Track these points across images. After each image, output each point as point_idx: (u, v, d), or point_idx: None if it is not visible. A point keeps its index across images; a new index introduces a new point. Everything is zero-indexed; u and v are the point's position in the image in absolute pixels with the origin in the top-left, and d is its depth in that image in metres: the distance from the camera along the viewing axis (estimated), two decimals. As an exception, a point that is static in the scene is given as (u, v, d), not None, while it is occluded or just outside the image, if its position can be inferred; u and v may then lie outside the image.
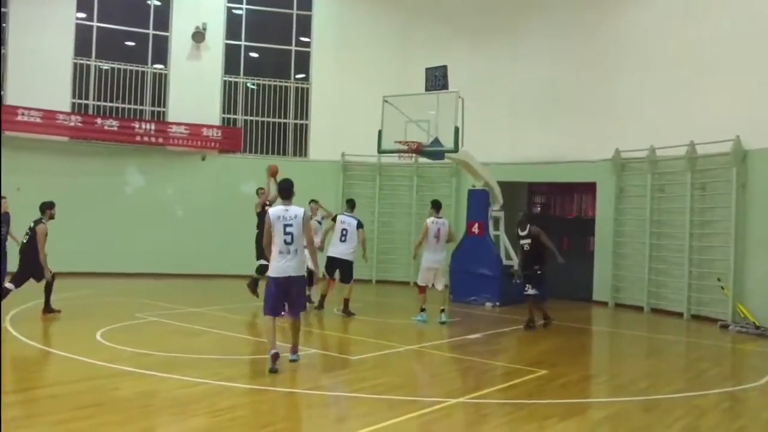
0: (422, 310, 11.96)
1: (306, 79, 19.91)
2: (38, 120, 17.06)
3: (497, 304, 14.68)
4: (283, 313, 8.42)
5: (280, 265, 7.63)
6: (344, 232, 12.66)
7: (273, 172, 11.92)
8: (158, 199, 18.18)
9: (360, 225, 12.87)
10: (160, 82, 18.94)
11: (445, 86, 14.09)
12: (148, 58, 18.85)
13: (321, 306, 12.70)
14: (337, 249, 12.70)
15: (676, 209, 14.43)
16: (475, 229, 15.22)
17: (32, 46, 17.42)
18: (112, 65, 18.57)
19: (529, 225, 11.78)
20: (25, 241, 11.03)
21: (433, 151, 13.93)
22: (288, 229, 7.57)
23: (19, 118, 16.87)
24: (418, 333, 11.15)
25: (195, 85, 18.88)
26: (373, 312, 13.69)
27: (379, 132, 14.15)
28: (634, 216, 15.50)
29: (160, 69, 18.95)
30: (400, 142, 13.56)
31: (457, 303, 14.57)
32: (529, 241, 11.67)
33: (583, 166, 16.24)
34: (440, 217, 12.33)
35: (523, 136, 17.14)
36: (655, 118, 14.75)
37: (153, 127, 18.38)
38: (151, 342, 9.01)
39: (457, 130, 13.17)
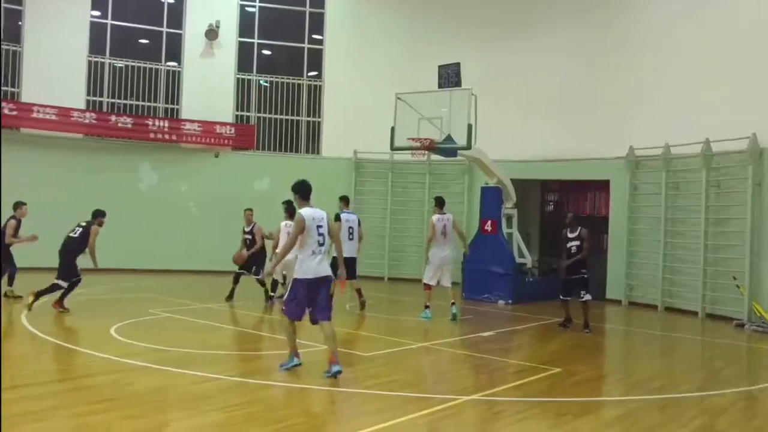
0: (426, 307, 11.94)
1: (319, 76, 19.93)
2: (53, 117, 17.21)
3: (510, 301, 14.64)
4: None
5: (312, 266, 7.44)
6: (351, 230, 12.55)
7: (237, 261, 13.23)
8: (172, 196, 18.28)
9: (359, 220, 12.90)
10: (174, 80, 19.04)
11: (458, 83, 14.07)
12: (161, 55, 18.95)
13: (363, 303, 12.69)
14: (346, 248, 12.51)
15: (690, 207, 14.32)
16: (488, 226, 15.18)
17: (47, 44, 17.56)
18: (126, 63, 18.69)
19: (579, 227, 11.43)
20: (74, 235, 11.36)
21: (445, 149, 13.90)
22: (320, 230, 7.51)
23: (35, 115, 17.02)
24: (430, 330, 11.13)
25: (208, 82, 18.97)
26: (385, 309, 13.70)
27: (392, 129, 14.14)
28: (648, 214, 15.40)
29: (174, 66, 19.04)
30: (412, 140, 13.54)
31: (469, 301, 14.55)
32: (578, 243, 11.28)
33: (596, 163, 16.15)
34: (444, 213, 12.30)
35: (536, 133, 17.07)
36: (670, 115, 14.64)
37: (167, 125, 18.48)
38: (164, 338, 9.06)
39: (470, 127, 13.13)
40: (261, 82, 19.78)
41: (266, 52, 19.99)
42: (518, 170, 16.57)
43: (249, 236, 13.51)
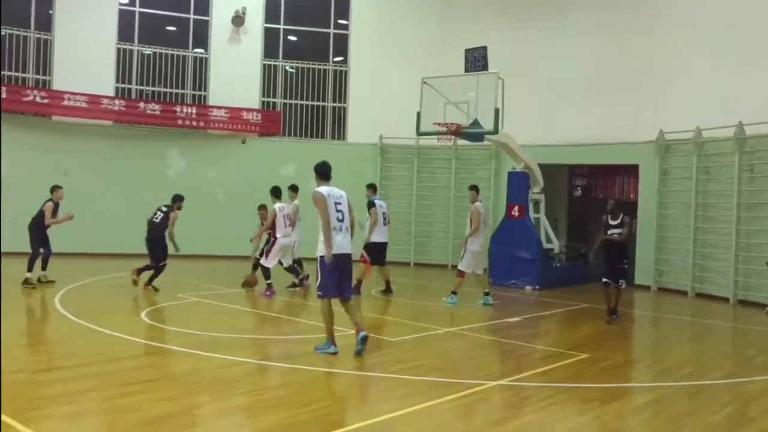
0: (454, 293, 11.97)
1: (344, 61, 19.89)
2: (84, 104, 17.43)
3: (537, 287, 14.56)
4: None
5: (336, 242, 7.47)
6: (385, 216, 12.74)
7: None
8: (199, 182, 18.43)
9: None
10: (201, 66, 19.15)
11: (484, 67, 13.94)
12: (189, 42, 19.06)
13: (358, 291, 12.67)
14: (383, 233, 12.67)
15: (723, 192, 14.08)
16: (515, 212, 15.08)
17: (77, 33, 17.75)
18: (154, 50, 18.83)
19: (622, 214, 10.92)
20: (157, 220, 11.95)
21: (472, 133, 13.82)
22: (339, 207, 7.57)
23: (65, 102, 17.26)
24: (457, 316, 11.13)
25: (235, 68, 19.04)
26: (411, 294, 13.71)
27: (418, 114, 14.09)
28: (678, 199, 15.18)
29: (201, 53, 19.14)
30: (439, 124, 13.48)
31: (496, 286, 14.50)
32: (621, 231, 10.73)
33: (625, 147, 15.92)
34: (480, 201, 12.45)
35: (564, 117, 16.87)
36: (702, 97, 14.35)
37: (194, 111, 18.61)
38: (194, 322, 9.18)
39: (497, 111, 13.03)
40: (287, 68, 19.81)
41: (292, 37, 20.00)
42: (545, 155, 16.41)
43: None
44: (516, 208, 15.09)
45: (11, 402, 5.46)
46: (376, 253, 12.56)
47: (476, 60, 14.21)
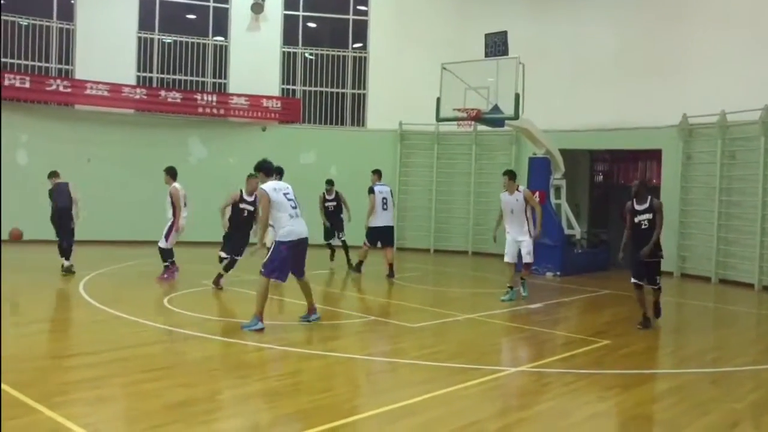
0: (511, 288, 11.00)
1: (364, 48, 19.82)
2: (105, 93, 17.58)
3: (558, 273, 14.48)
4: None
5: (295, 228, 8.07)
6: (384, 201, 13.21)
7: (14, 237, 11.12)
8: (220, 170, 18.50)
9: (391, 191, 13.66)
10: (221, 54, 19.19)
11: (505, 52, 13.80)
12: (209, 30, 19.10)
13: (359, 270, 13.25)
14: (383, 218, 13.19)
15: (748, 177, 13.85)
16: (536, 197, 14.94)
17: (99, 22, 17.88)
18: (175, 38, 18.90)
19: (650, 197, 9.26)
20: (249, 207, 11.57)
21: (492, 119, 13.72)
22: (289, 197, 8.16)
23: (88, 91, 17.41)
24: (477, 302, 11.11)
25: (255, 56, 19.06)
26: (431, 281, 13.70)
27: (438, 100, 14.00)
28: (701, 184, 14.97)
29: (221, 41, 19.18)
30: (459, 110, 13.39)
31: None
32: (649, 216, 9.03)
33: (647, 132, 15.71)
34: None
35: (586, 101, 16.66)
36: (727, 80, 14.10)
37: (215, 99, 18.69)
38: (215, 308, 9.25)
39: (517, 96, 12.91)
40: (306, 54, 19.79)
41: (311, 24, 19.95)
42: (567, 140, 16.26)
43: (333, 203, 14.27)
44: (537, 194, 14.91)
45: (38, 387, 5.56)
46: (374, 237, 13.22)
47: (496, 45, 14.07)
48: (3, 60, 17.22)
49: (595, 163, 19.06)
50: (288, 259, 8.09)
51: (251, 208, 11.48)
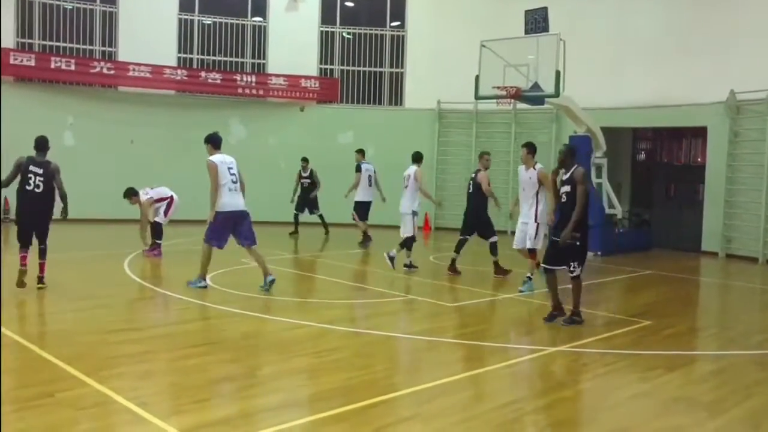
0: (529, 277, 9.96)
1: (401, 26, 19.68)
2: (147, 75, 17.84)
3: (599, 253, 14.31)
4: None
5: (232, 201, 8.86)
6: (370, 178, 14.74)
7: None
8: (260, 150, 18.68)
9: (375, 169, 15.02)
10: (260, 35, 19.27)
11: (545, 29, 13.55)
12: (247, 11, 19.18)
13: (367, 244, 14.48)
14: (368, 193, 14.70)
15: (798, 154, 13.44)
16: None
17: (141, 4, 18.13)
18: (214, 19, 19.04)
19: (576, 165, 7.95)
20: (471, 191, 11.45)
21: (532, 97, 13.53)
22: (231, 171, 8.92)
23: (131, 73, 17.69)
24: (515, 282, 11.03)
25: (293, 36, 19.09)
26: (469, 261, 13.67)
27: (477, 78, 13.86)
28: (749, 162, 14.58)
29: (260, 21, 19.25)
30: (498, 88, 13.23)
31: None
32: (568, 189, 7.81)
33: (693, 109, 15.31)
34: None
35: (628, 78, 16.29)
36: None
37: (254, 80, 18.82)
38: (256, 286, 9.37)
39: (558, 74, 12.69)
40: (344, 34, 19.74)
41: (349, 3, 19.87)
42: (609, 118, 15.94)
43: (308, 180, 15.92)
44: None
45: (86, 361, 5.74)
46: (362, 210, 14.62)
47: (536, 21, 13.83)
48: (48, 43, 17.60)
49: (638, 141, 18.69)
50: (224, 229, 8.92)
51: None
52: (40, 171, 8.45)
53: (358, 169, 14.74)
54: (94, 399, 4.87)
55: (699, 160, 16.56)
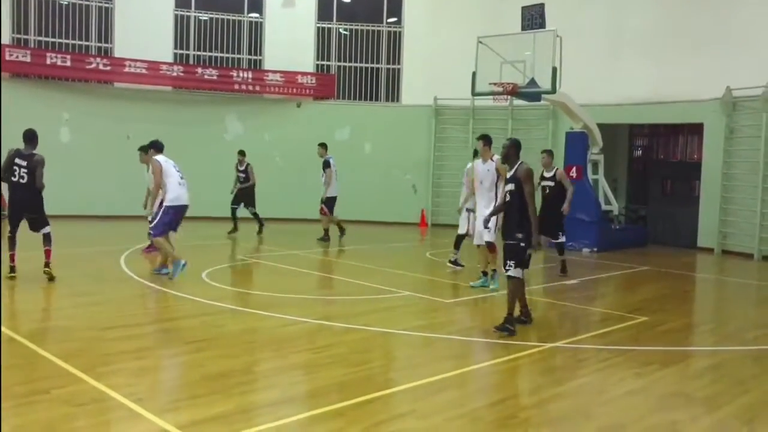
0: (485, 273, 9.75)
1: (398, 22, 19.66)
2: (144, 71, 17.78)
3: (595, 249, 14.34)
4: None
5: (183, 194, 9.49)
6: (336, 173, 14.35)
7: None
8: (256, 146, 18.62)
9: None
10: (256, 31, 19.23)
11: (542, 25, 13.58)
12: (244, 7, 19.13)
13: (327, 238, 14.33)
14: (337, 188, 14.37)
15: (793, 151, 13.47)
16: (573, 173, 14.76)
17: (137, 0, 18.04)
18: (211, 15, 18.99)
19: (520, 162, 7.24)
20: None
21: (529, 93, 13.54)
22: (178, 169, 9.59)
23: (127, 69, 17.63)
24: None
25: (289, 32, 19.05)
26: (466, 257, 13.68)
27: (473, 74, 13.86)
28: (745, 159, 14.61)
29: (256, 18, 19.20)
30: (495, 84, 13.25)
31: (553, 248, 14.31)
32: (511, 187, 7.19)
33: (689, 106, 15.33)
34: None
35: (625, 75, 16.30)
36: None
37: (250, 76, 18.78)
38: (252, 282, 9.40)
39: (554, 70, 12.71)
40: (341, 30, 19.71)
41: (346, -1, 19.87)
42: (605, 114, 15.96)
43: (243, 174, 15.28)
44: (574, 169, 14.78)
45: (82, 357, 5.73)
46: (332, 205, 14.30)
47: (533, 18, 13.85)
48: (43, 39, 17.54)
49: (634, 137, 18.72)
50: (176, 222, 9.60)
51: (551, 184, 11.26)
52: (24, 163, 8.74)
53: (327, 164, 14.25)
54: (90, 395, 4.87)
55: (695, 156, 16.59)
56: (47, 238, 8.98)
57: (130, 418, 4.50)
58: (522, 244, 7.01)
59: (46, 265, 8.92)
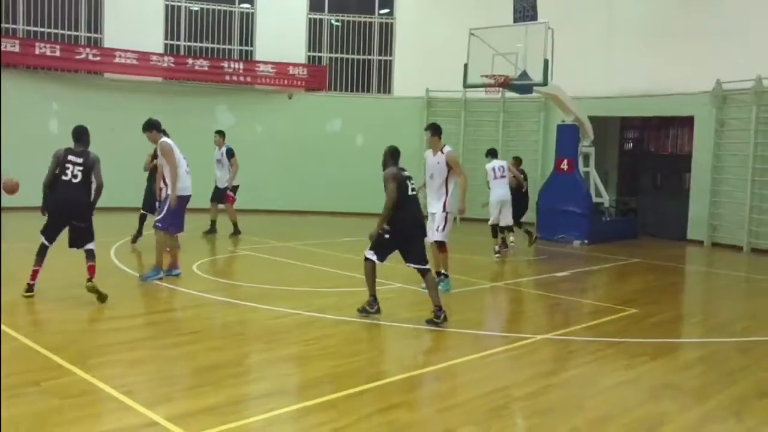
0: (440, 273, 8.92)
1: (390, 14, 19.60)
2: (134, 61, 17.66)
3: (586, 242, 14.39)
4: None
5: (188, 184, 9.04)
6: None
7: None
8: (247, 137, 18.55)
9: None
10: (248, 22, 19.12)
11: (534, 17, 13.58)
12: (235, -3, 19.03)
13: (238, 231, 13.57)
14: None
15: (783, 144, 13.54)
16: (564, 165, 14.84)
17: (125, -11, 17.92)
18: (202, 6, 18.86)
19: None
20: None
21: (520, 85, 13.55)
22: (184, 156, 9.23)
23: (117, 60, 17.50)
24: (504, 270, 11.10)
25: (281, 23, 18.95)
26: (458, 249, 13.69)
27: (465, 66, 13.85)
28: (735, 151, 14.68)
29: (247, 8, 19.09)
30: (486, 76, 13.24)
31: (544, 241, 14.37)
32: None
33: (680, 98, 15.38)
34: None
35: (616, 68, 16.33)
36: (762, 44, 13.71)
37: (241, 67, 18.69)
38: (243, 274, 9.38)
39: (546, 62, 12.72)
40: (332, 21, 19.63)
41: (337, -10, 19.78)
42: (596, 107, 16.00)
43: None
44: (565, 161, 14.84)
45: (72, 349, 5.71)
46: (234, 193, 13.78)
47: (525, 10, 13.84)
48: (32, 29, 17.37)
49: (625, 130, 18.78)
50: (181, 212, 9.00)
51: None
52: (80, 160, 7.76)
53: (232, 153, 13.64)
54: (80, 387, 4.85)
55: (685, 149, 16.66)
56: (91, 254, 7.74)
57: (120, 410, 4.48)
58: (386, 236, 7.35)
59: (89, 281, 7.55)
